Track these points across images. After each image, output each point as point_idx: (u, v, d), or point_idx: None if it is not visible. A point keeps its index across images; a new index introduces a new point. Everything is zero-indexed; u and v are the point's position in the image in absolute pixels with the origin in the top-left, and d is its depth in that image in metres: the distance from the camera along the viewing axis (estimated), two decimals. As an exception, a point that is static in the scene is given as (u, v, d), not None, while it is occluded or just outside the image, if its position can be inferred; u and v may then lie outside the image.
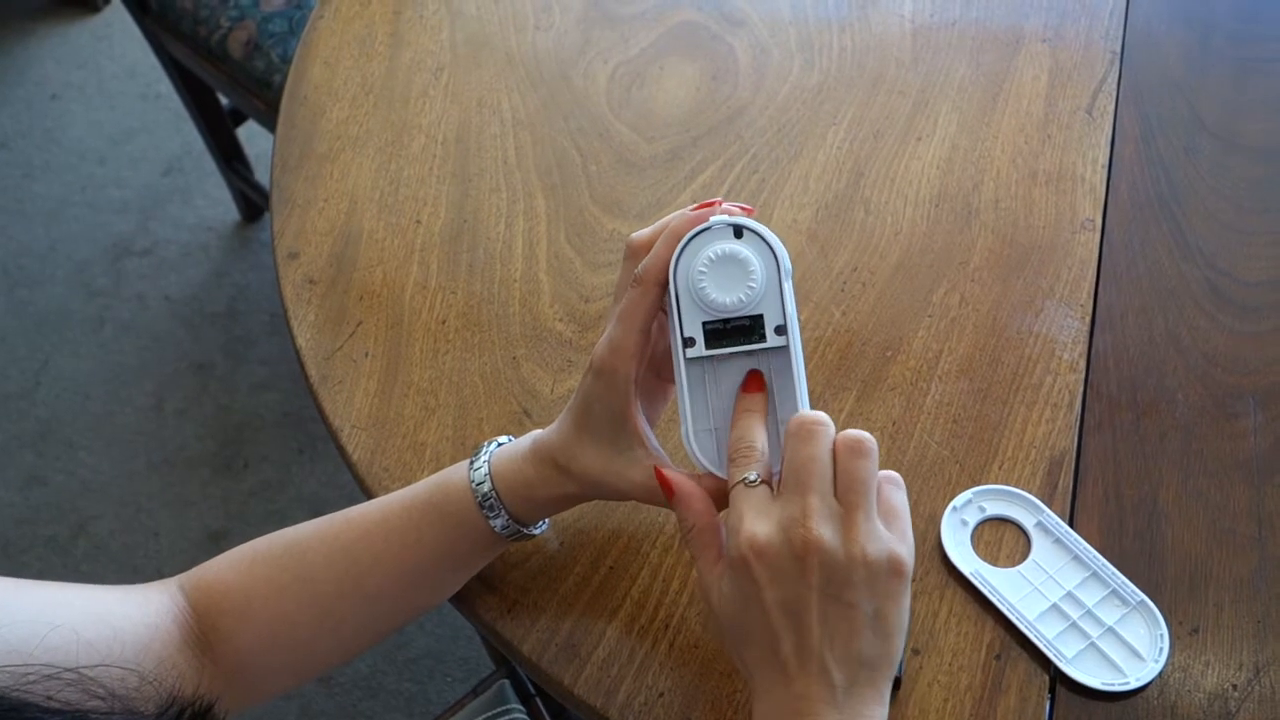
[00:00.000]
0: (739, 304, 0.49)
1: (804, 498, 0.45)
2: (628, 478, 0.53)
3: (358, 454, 0.68)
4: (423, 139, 0.85)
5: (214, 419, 1.73)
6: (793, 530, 0.45)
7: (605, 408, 0.52)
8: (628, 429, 0.52)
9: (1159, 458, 0.65)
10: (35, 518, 1.64)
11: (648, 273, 0.50)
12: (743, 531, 0.46)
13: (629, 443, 0.52)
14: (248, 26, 1.39)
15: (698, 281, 0.49)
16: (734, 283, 0.49)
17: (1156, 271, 0.73)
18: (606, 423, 0.52)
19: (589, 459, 0.53)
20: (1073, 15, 0.89)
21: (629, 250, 0.53)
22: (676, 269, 0.50)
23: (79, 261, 1.94)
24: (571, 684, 0.58)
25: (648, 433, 0.53)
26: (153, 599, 0.53)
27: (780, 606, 0.45)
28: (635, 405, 0.52)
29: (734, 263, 0.49)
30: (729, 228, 0.49)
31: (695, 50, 0.90)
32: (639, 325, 0.50)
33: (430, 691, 1.44)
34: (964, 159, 0.80)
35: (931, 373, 0.69)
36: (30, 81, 2.24)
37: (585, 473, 0.53)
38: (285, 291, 0.77)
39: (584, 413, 0.53)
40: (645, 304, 0.50)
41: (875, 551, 0.45)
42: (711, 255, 0.49)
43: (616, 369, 0.51)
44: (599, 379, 0.51)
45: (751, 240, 0.49)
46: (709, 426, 0.52)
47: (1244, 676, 0.56)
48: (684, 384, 0.51)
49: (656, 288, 0.50)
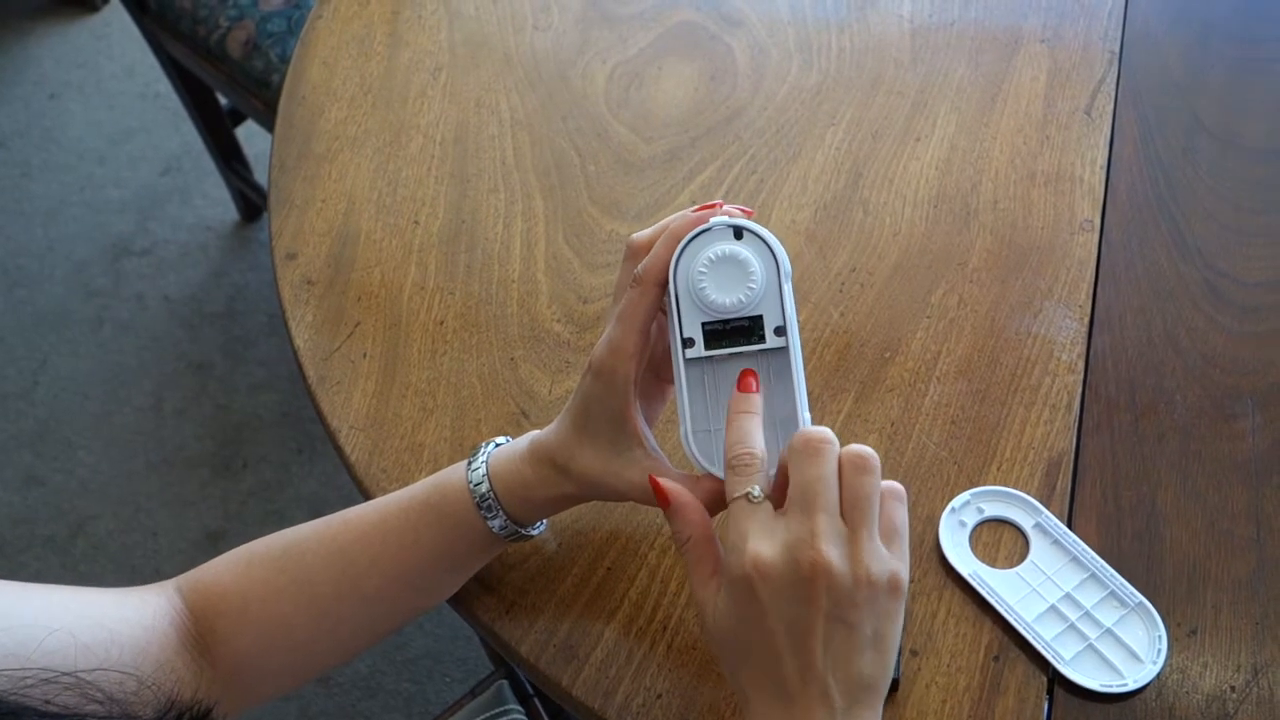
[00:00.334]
0: (739, 305, 0.49)
1: (811, 518, 0.45)
2: (626, 478, 0.53)
3: (356, 455, 0.68)
4: (421, 139, 0.85)
5: (213, 419, 1.73)
6: (800, 552, 0.44)
7: (604, 408, 0.52)
8: (626, 430, 0.52)
9: (1157, 459, 0.65)
10: (33, 517, 1.64)
11: (647, 273, 0.50)
12: (746, 551, 0.45)
13: (628, 443, 0.52)
14: (246, 26, 1.39)
15: (698, 282, 0.49)
16: (734, 284, 0.49)
17: (1155, 272, 0.73)
18: (605, 423, 0.52)
19: (587, 459, 0.53)
20: (1071, 16, 0.89)
21: (629, 251, 0.53)
22: (676, 270, 0.50)
23: (77, 261, 1.93)
24: (569, 685, 0.58)
25: (646, 433, 0.53)
26: (150, 602, 0.53)
27: (784, 628, 0.44)
28: (634, 406, 0.52)
29: (734, 264, 0.49)
30: (729, 229, 0.50)
31: (694, 50, 0.90)
32: (638, 326, 0.50)
33: (429, 692, 1.44)
34: (962, 160, 0.80)
35: (930, 374, 0.69)
36: (29, 81, 2.24)
37: (584, 473, 0.53)
38: (283, 292, 0.76)
39: (583, 413, 0.53)
40: (645, 304, 0.50)
41: (878, 572, 0.45)
42: (711, 256, 0.49)
43: (616, 370, 0.51)
44: (598, 380, 0.51)
45: (751, 241, 0.50)
46: (708, 427, 0.52)
47: (1242, 678, 0.56)
48: (683, 384, 0.51)
49: (656, 288, 0.50)
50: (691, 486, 0.51)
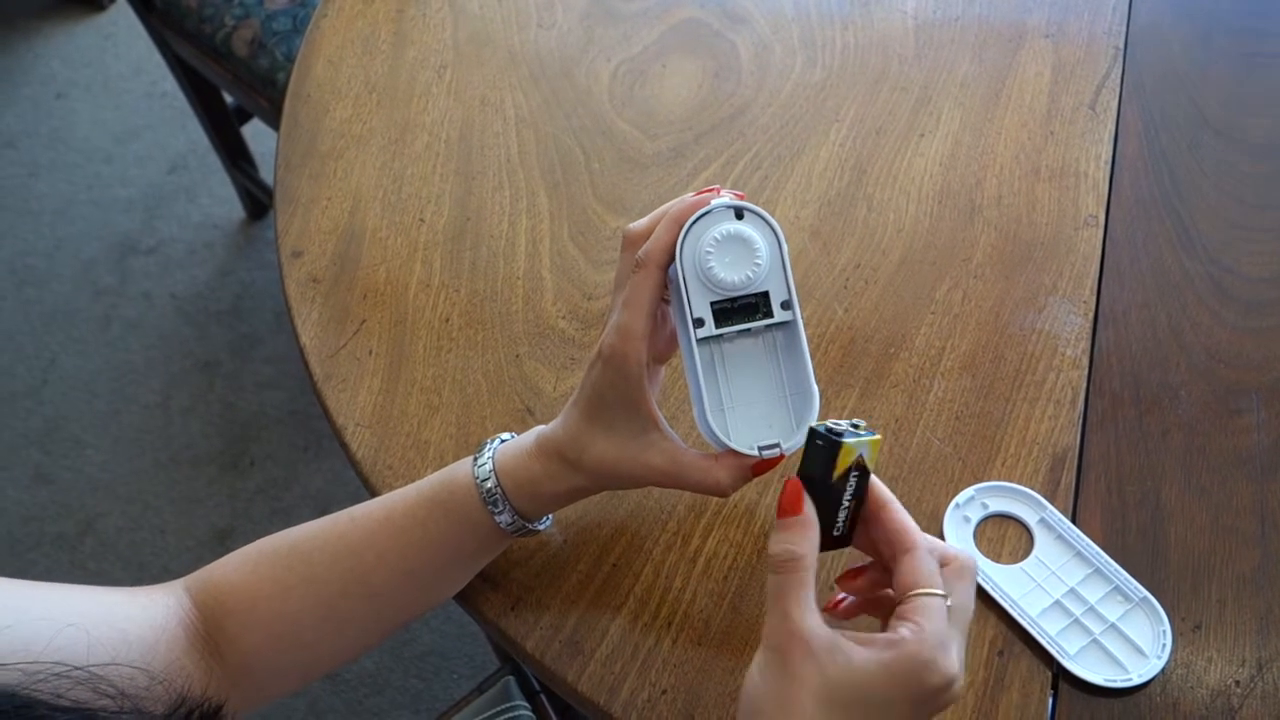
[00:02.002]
0: (746, 281, 0.50)
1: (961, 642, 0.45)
2: (645, 462, 0.53)
3: (361, 452, 0.68)
4: (426, 137, 0.86)
5: (220, 417, 1.73)
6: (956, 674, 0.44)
7: (618, 394, 0.52)
8: (642, 413, 0.52)
9: (1162, 454, 0.65)
10: (42, 515, 1.65)
11: (650, 255, 0.51)
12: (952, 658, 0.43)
13: (644, 427, 0.53)
14: (252, 25, 1.40)
15: (705, 261, 0.50)
16: (741, 261, 0.50)
17: (1159, 267, 0.73)
18: (620, 410, 0.52)
19: (602, 448, 0.53)
20: (1075, 10, 0.89)
21: (626, 240, 0.53)
22: (683, 252, 0.51)
23: (85, 260, 1.94)
24: (575, 681, 0.58)
25: (660, 416, 0.54)
26: (159, 601, 0.54)
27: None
28: (648, 389, 0.53)
29: (739, 241, 0.50)
30: (730, 210, 0.51)
31: (698, 47, 0.90)
32: (646, 309, 0.51)
33: (436, 688, 1.45)
34: (967, 155, 0.80)
35: (934, 369, 0.69)
36: (36, 80, 2.25)
37: (599, 462, 0.53)
38: (289, 290, 0.77)
39: (595, 403, 0.53)
40: (650, 286, 0.51)
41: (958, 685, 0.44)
42: (717, 235, 0.50)
43: (628, 354, 0.51)
44: (609, 366, 0.52)
45: (752, 220, 0.51)
46: (722, 405, 0.53)
47: (1247, 673, 0.56)
48: (696, 365, 0.51)
49: (660, 270, 0.51)
50: (714, 465, 0.52)
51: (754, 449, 0.52)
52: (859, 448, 0.47)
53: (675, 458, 0.53)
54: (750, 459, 0.52)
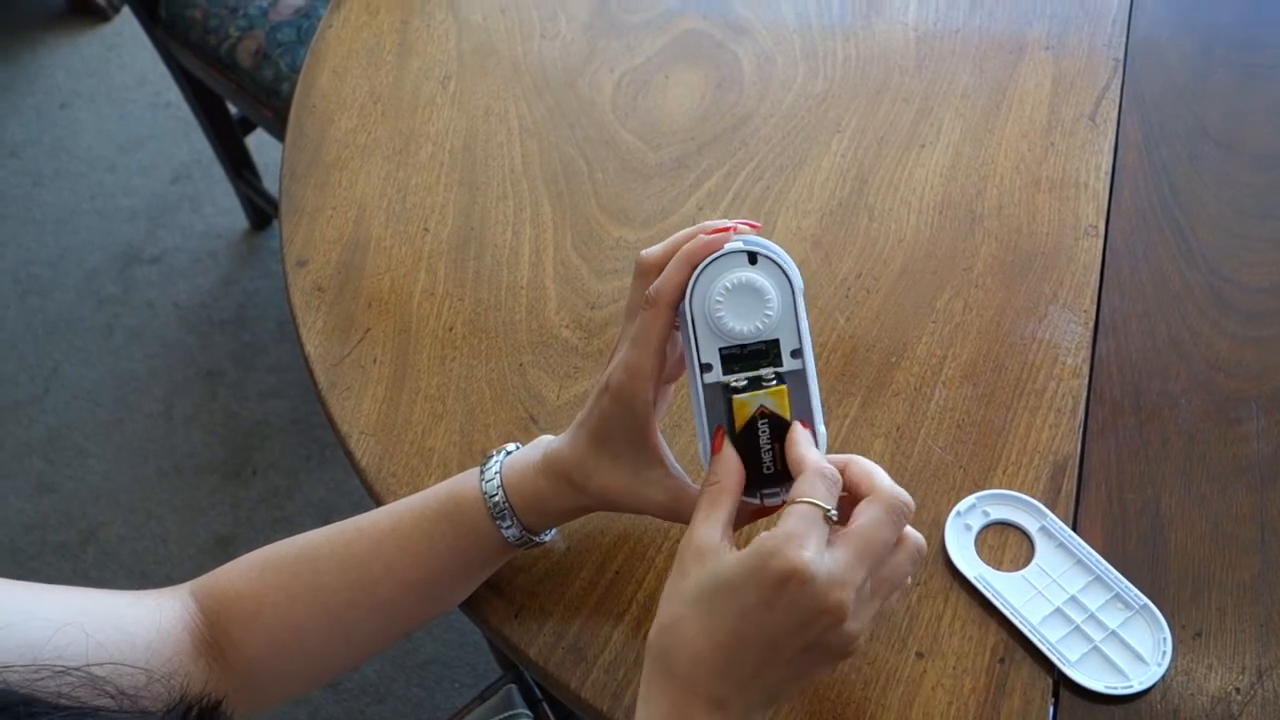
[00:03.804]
0: (756, 332, 0.50)
1: (859, 569, 0.45)
2: (645, 497, 0.53)
3: (366, 460, 0.69)
4: (430, 147, 0.86)
5: (223, 425, 1.74)
6: (833, 589, 0.44)
7: (624, 430, 0.52)
8: (647, 449, 0.53)
9: (1162, 462, 0.65)
10: (45, 524, 1.65)
11: (660, 295, 0.50)
12: (803, 552, 0.44)
13: (648, 462, 0.53)
14: (256, 36, 1.40)
15: (715, 311, 0.49)
16: (751, 312, 0.49)
17: (1159, 277, 0.74)
18: (625, 444, 0.53)
19: (606, 478, 0.53)
20: (1075, 22, 0.89)
21: (639, 269, 0.53)
22: (692, 296, 0.50)
23: (88, 269, 1.95)
24: (578, 687, 0.58)
25: (666, 452, 0.54)
26: (164, 605, 0.54)
27: (769, 634, 0.45)
28: (654, 425, 0.53)
29: (750, 292, 0.49)
30: (743, 253, 0.50)
31: (700, 58, 0.91)
32: (654, 348, 0.50)
33: (438, 697, 1.45)
34: (967, 166, 0.81)
35: (935, 378, 0.69)
36: (40, 90, 2.26)
37: (603, 491, 0.54)
38: (294, 299, 0.77)
39: (601, 433, 0.53)
40: (659, 326, 0.50)
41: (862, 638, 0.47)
42: (728, 285, 0.49)
43: (635, 392, 0.51)
44: (616, 402, 0.52)
45: (765, 266, 0.49)
46: None
47: (1247, 680, 0.56)
48: (702, 408, 0.51)
49: (670, 309, 0.50)
50: None
51: (755, 495, 0.51)
52: (754, 402, 0.50)
53: (678, 495, 0.53)
54: (751, 504, 0.52)
